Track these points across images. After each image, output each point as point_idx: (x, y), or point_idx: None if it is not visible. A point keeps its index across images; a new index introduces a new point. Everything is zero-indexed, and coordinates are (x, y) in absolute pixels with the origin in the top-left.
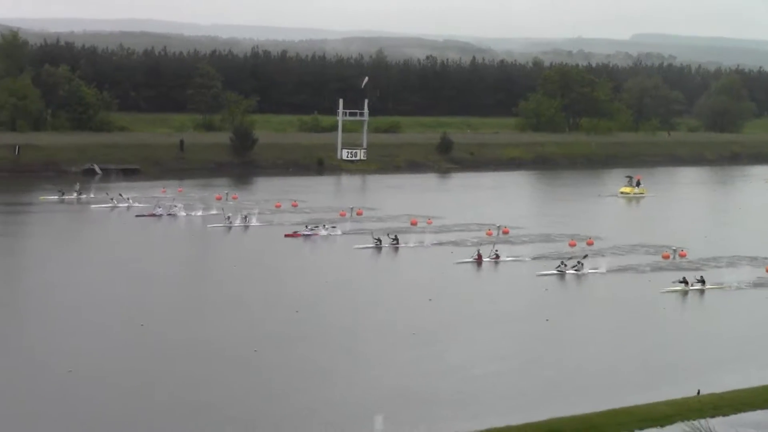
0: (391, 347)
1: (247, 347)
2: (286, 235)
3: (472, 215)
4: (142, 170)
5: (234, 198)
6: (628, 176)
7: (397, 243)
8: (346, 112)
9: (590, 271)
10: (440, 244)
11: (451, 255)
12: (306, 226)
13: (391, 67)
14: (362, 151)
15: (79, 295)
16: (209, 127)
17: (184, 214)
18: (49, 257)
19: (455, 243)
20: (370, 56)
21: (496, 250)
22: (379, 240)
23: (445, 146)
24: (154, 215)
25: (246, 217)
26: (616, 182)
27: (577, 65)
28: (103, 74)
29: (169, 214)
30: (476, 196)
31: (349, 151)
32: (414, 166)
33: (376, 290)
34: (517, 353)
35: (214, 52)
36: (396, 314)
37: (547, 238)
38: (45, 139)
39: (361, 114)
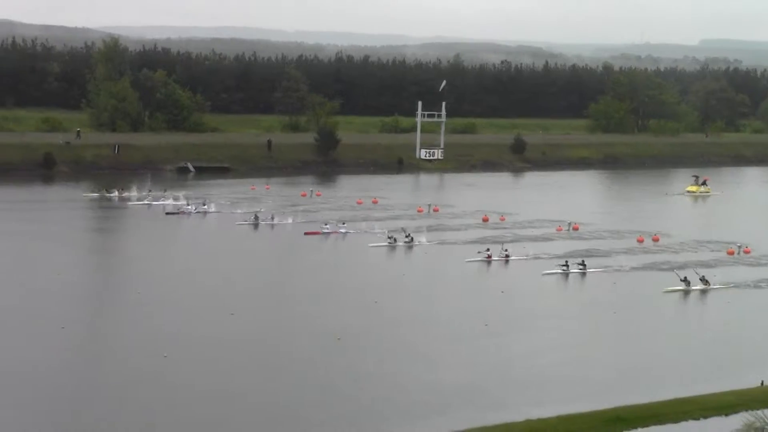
0: (468, 337)
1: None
2: (306, 233)
3: (543, 212)
4: (232, 168)
5: (318, 195)
6: (694, 175)
7: (412, 241)
8: (424, 114)
9: (593, 270)
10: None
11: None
12: (325, 224)
13: (468, 71)
14: (439, 150)
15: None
16: (295, 128)
17: (214, 210)
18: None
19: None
20: (448, 61)
21: (506, 249)
22: (394, 239)
23: (518, 146)
24: (183, 213)
25: (273, 216)
26: (682, 181)
27: (646, 69)
28: (197, 78)
29: (199, 212)
30: (548, 194)
31: (427, 150)
32: (488, 165)
33: (430, 284)
34: (582, 345)
35: (300, 57)
36: (461, 306)
37: (616, 235)
38: (142, 139)
39: (439, 116)
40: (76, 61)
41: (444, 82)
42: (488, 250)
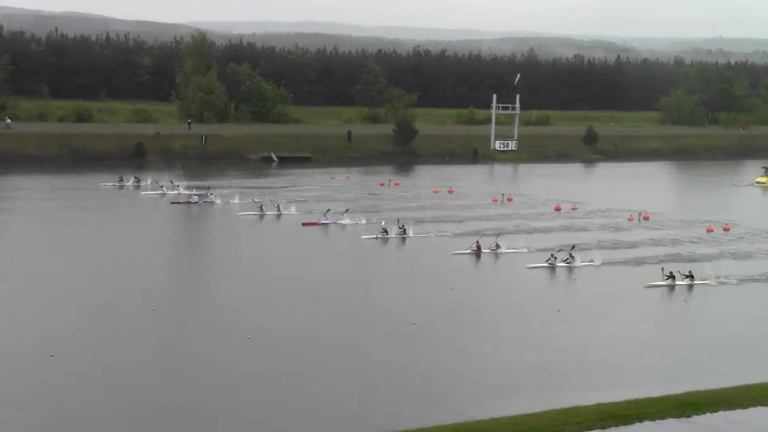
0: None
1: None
2: (303, 224)
3: (614, 202)
4: (313, 158)
5: (396, 184)
6: (764, 167)
7: (405, 233)
8: (499, 106)
9: (582, 264)
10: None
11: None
12: (324, 215)
13: (542, 65)
14: (513, 142)
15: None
16: (374, 120)
17: (220, 201)
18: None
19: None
20: (522, 55)
21: (497, 242)
22: (386, 231)
23: (590, 138)
24: (189, 202)
25: (279, 206)
26: (752, 173)
27: (716, 63)
28: (281, 71)
29: (205, 202)
30: (619, 184)
31: (502, 141)
32: (561, 156)
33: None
34: (648, 331)
35: (379, 51)
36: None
37: (686, 224)
38: (228, 129)
39: (513, 108)
40: (166, 55)
41: (519, 76)
42: (477, 242)
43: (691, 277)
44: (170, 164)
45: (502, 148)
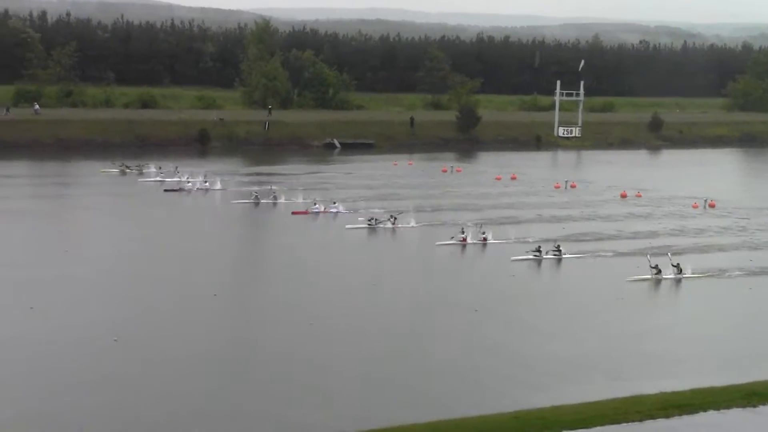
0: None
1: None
2: (293, 213)
3: (679, 189)
4: (376, 145)
5: (458, 170)
6: None
7: (395, 223)
8: (562, 93)
9: (568, 255)
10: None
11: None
12: (314, 203)
13: (606, 51)
14: (577, 128)
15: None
16: (437, 106)
17: (218, 188)
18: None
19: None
20: (587, 41)
21: (483, 232)
22: (375, 220)
23: (655, 125)
24: (183, 190)
25: (275, 195)
26: None
27: None
28: (343, 58)
29: (199, 189)
30: (684, 171)
31: (565, 128)
32: (626, 143)
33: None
34: (708, 320)
35: (442, 37)
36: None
37: (755, 211)
38: (291, 116)
39: (577, 94)
40: (230, 42)
41: (582, 62)
42: (463, 232)
43: (678, 269)
44: (233, 151)
45: (565, 135)
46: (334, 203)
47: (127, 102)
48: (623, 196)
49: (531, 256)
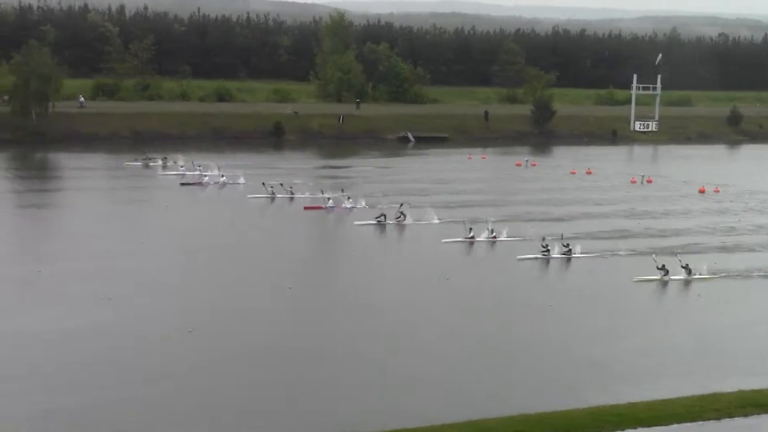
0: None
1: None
2: (305, 208)
3: (760, 184)
4: (450, 138)
5: (533, 164)
6: None
7: (404, 219)
8: (639, 87)
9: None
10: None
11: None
12: (328, 199)
13: (684, 44)
14: (654, 122)
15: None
16: (512, 100)
17: (236, 182)
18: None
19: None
20: (664, 34)
21: (492, 230)
22: (384, 216)
23: (734, 119)
24: (200, 184)
25: (291, 189)
26: None
27: None
28: (418, 51)
29: (216, 183)
30: (764, 166)
31: (642, 122)
32: (703, 137)
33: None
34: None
35: (518, 30)
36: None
37: None
38: (365, 109)
39: (654, 88)
40: (305, 35)
41: (660, 55)
42: (471, 230)
43: (688, 270)
44: (307, 143)
45: (642, 129)
46: (349, 198)
47: (203, 95)
48: (701, 191)
49: (539, 255)
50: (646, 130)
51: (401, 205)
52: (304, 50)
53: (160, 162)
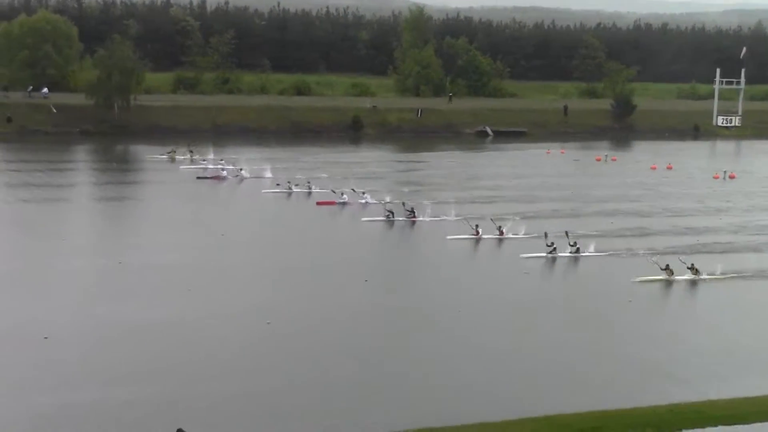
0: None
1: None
2: (318, 203)
3: None
4: (528, 133)
5: (613, 159)
6: None
7: (414, 216)
8: (722, 81)
9: (587, 253)
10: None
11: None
12: (341, 194)
13: None
14: (738, 117)
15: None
16: (592, 94)
17: (248, 176)
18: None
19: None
20: (749, 28)
21: (500, 226)
22: (392, 212)
23: None
24: (217, 177)
25: (309, 184)
26: None
27: None
28: (497, 46)
29: (235, 176)
30: None
31: (725, 117)
32: None
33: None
34: None
35: (598, 24)
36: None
37: None
38: (444, 103)
39: (738, 83)
40: (384, 30)
41: (744, 49)
42: (477, 226)
43: (695, 270)
44: (385, 137)
45: (725, 124)
46: (363, 193)
47: (282, 89)
48: None
49: (544, 254)
50: (729, 125)
51: (404, 203)
52: (383, 44)
53: (183, 155)
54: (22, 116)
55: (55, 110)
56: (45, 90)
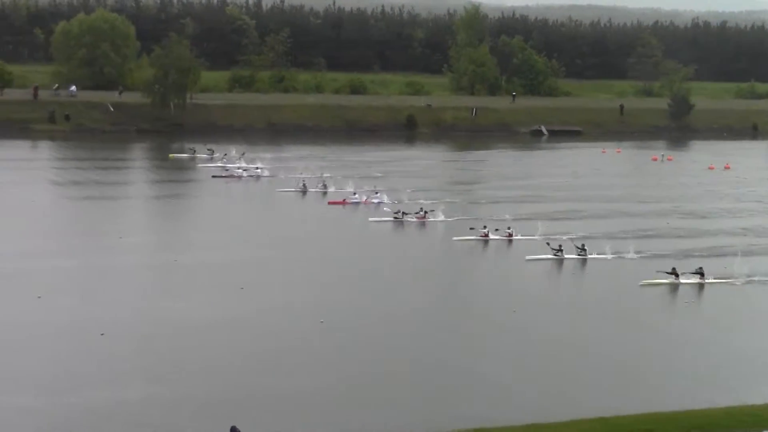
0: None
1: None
2: (329, 203)
3: None
4: (583, 132)
5: (669, 159)
6: None
7: (425, 216)
8: None
9: (595, 256)
10: None
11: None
12: (354, 193)
13: None
14: None
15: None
16: (648, 94)
17: (268, 174)
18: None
19: None
20: None
21: (509, 227)
22: (402, 213)
23: None
24: (233, 176)
25: (324, 184)
26: None
27: None
28: (553, 44)
29: (251, 176)
30: None
31: None
32: None
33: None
34: None
35: (656, 23)
36: None
37: None
38: (499, 102)
39: None
40: (439, 28)
41: None
42: (485, 227)
43: (701, 274)
44: (440, 136)
45: None
46: (377, 193)
47: (337, 88)
48: None
49: (550, 256)
50: None
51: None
52: (438, 43)
53: (206, 154)
54: (79, 114)
55: (112, 109)
56: (73, 88)
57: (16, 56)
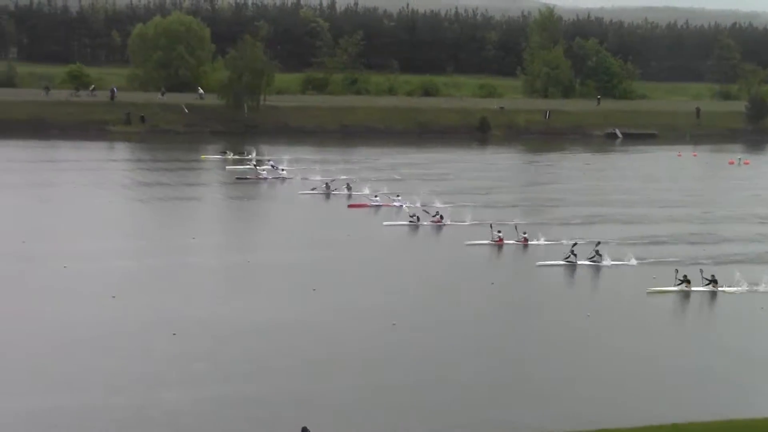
0: None
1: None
2: (349, 206)
3: None
4: (659, 135)
5: (746, 163)
6: None
7: (441, 220)
8: None
9: (612, 263)
10: None
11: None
12: (374, 196)
13: None
14: None
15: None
16: (726, 96)
17: (291, 177)
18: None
19: None
20: None
21: (524, 232)
22: (417, 217)
23: None
24: (256, 178)
25: (349, 185)
26: None
27: None
28: (628, 46)
29: (276, 178)
30: None
31: None
32: None
33: None
34: None
35: (734, 24)
36: None
37: None
38: (573, 105)
39: None
40: (513, 30)
41: None
42: (500, 231)
43: (714, 282)
44: (513, 139)
45: None
46: (398, 196)
47: (410, 90)
48: None
49: (562, 262)
50: None
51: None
52: (512, 45)
53: (237, 156)
54: (154, 116)
55: (187, 110)
56: (113, 89)
57: (94, 59)
